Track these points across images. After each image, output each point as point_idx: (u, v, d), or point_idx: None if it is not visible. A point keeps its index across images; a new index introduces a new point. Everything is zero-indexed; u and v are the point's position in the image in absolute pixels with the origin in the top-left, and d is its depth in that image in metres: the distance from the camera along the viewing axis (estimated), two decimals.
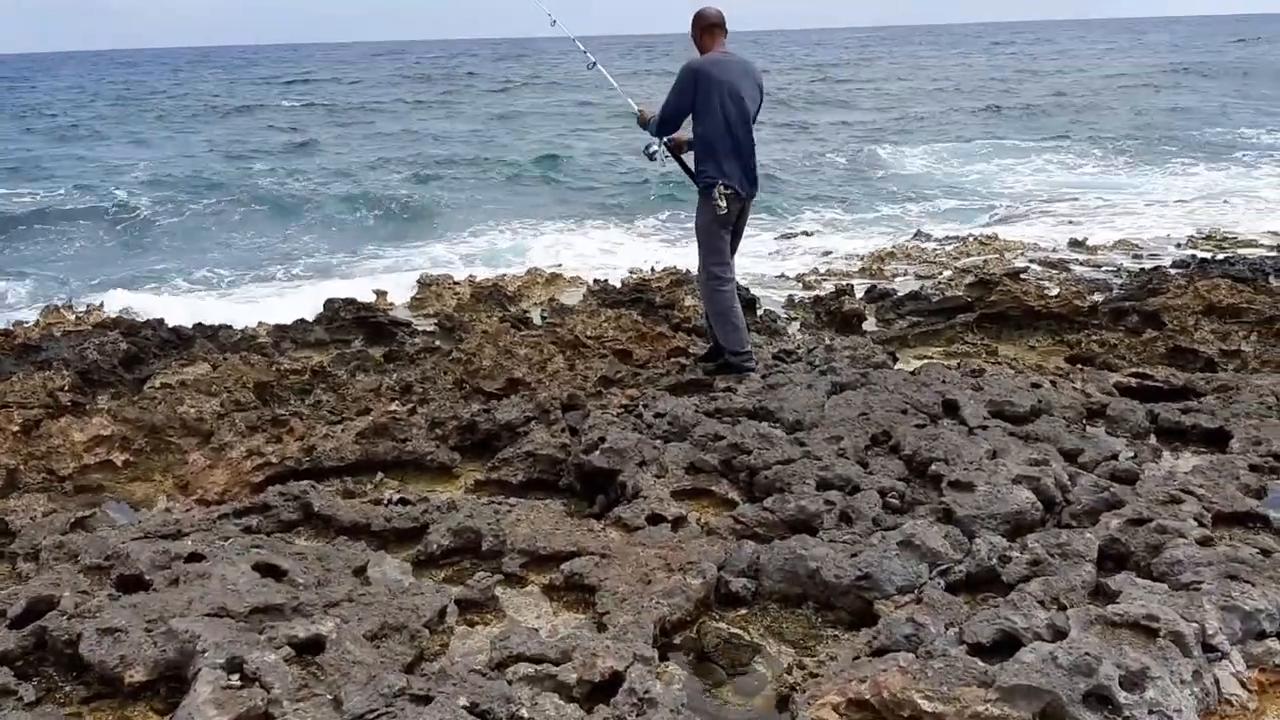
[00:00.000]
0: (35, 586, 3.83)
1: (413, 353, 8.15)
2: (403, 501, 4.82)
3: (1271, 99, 35.78)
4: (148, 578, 3.92)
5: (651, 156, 6.73)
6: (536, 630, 3.71)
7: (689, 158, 6.69)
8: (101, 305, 10.39)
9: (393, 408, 6.19)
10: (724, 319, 6.49)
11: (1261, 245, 12.67)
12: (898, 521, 4.05)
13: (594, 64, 7.72)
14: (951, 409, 5.06)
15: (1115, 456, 4.52)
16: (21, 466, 5.63)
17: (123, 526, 4.64)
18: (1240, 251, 11.99)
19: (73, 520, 5.00)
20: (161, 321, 9.10)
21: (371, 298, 10.66)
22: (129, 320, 9.15)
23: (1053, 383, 5.65)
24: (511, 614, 3.90)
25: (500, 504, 4.65)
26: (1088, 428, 4.95)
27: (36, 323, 9.84)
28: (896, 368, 6.47)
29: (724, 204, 6.28)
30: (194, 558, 4.02)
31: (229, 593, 3.70)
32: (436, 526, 4.40)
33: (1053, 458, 4.40)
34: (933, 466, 4.32)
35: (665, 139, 6.61)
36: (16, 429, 6.02)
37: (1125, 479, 4.30)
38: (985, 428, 4.78)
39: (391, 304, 10.76)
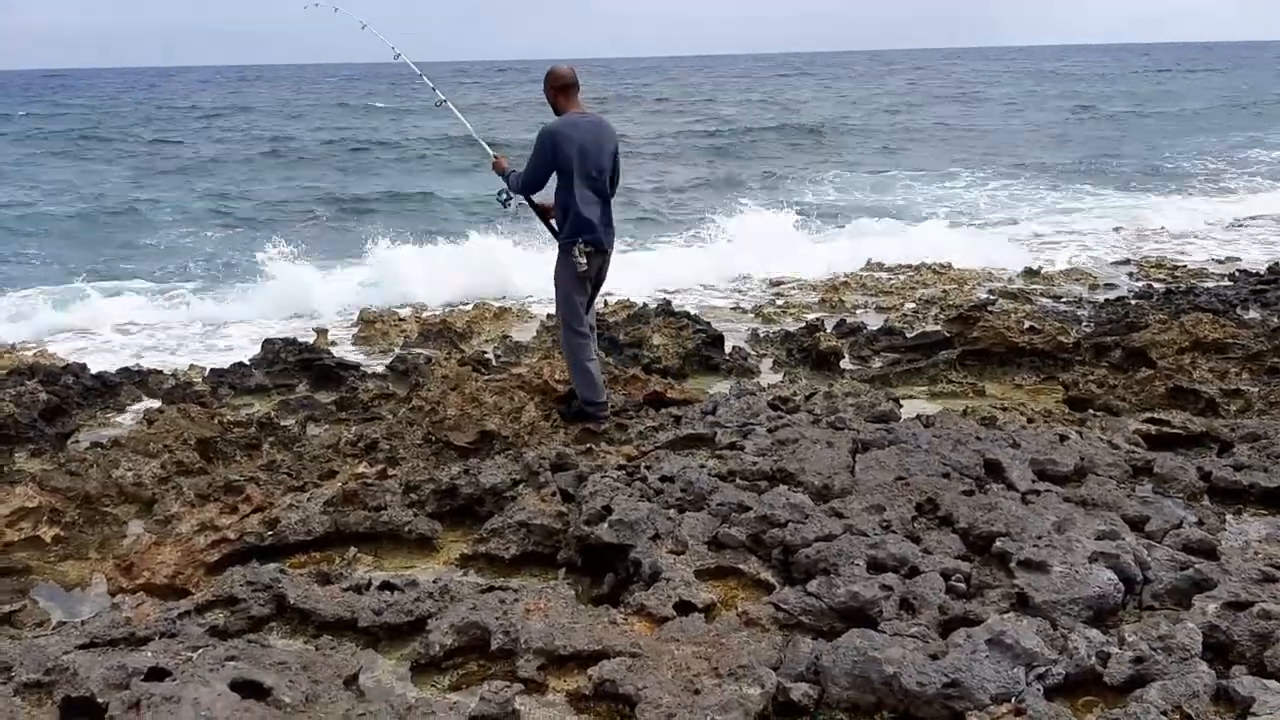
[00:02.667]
0: None
1: (367, 399, 7.54)
2: (387, 587, 4.23)
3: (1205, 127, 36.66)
4: (101, 701, 3.29)
5: (504, 203, 6.77)
6: None
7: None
8: (14, 348, 9.53)
9: (360, 469, 5.60)
10: (584, 371, 6.60)
11: (1212, 275, 12.66)
12: (966, 608, 3.61)
13: (443, 101, 7.60)
14: (995, 471, 4.65)
15: (1181, 524, 4.15)
16: None
17: (63, 629, 3.97)
18: (1195, 282, 11.95)
19: None
20: (84, 367, 8.33)
21: (311, 336, 9.98)
22: (46, 365, 8.35)
23: (1079, 433, 5.30)
24: None
25: (505, 590, 4.10)
26: (1136, 488, 4.58)
27: None
28: (903, 415, 6.07)
29: (584, 261, 6.35)
30: (156, 674, 3.40)
31: None
32: (436, 622, 3.83)
33: (1121, 528, 4.01)
34: (997, 543, 3.90)
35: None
36: None
37: (1203, 551, 3.93)
38: (1037, 493, 4.38)
39: (334, 342, 10.09)
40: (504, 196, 6.68)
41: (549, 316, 10.69)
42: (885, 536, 4.04)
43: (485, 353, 9.13)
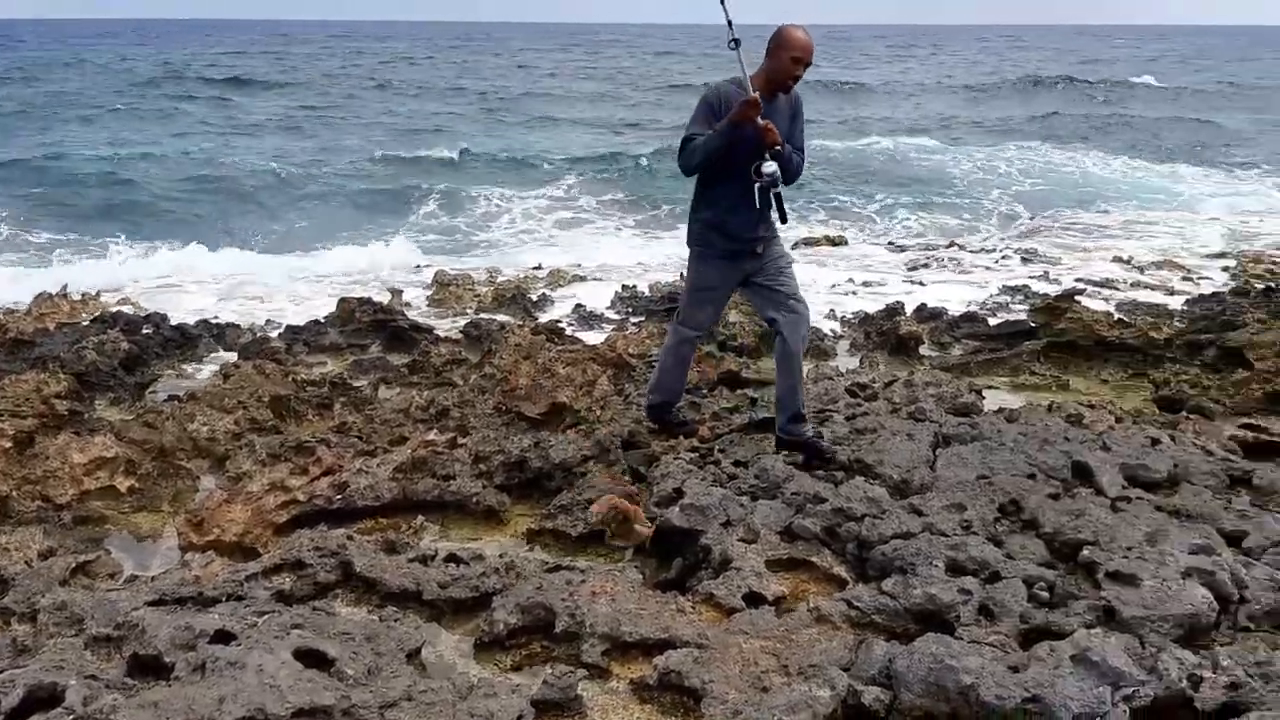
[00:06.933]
0: (35, 671, 3.21)
1: (439, 364, 7.53)
2: (453, 560, 4.20)
3: None
4: (168, 661, 3.31)
5: None
6: None
7: None
8: (98, 295, 9.71)
9: (431, 437, 5.58)
10: None
11: None
12: (1049, 619, 3.46)
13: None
14: (1083, 474, 4.46)
15: None
16: (14, 493, 4.99)
17: (134, 584, 4.01)
18: None
19: (73, 566, 4.39)
20: (164, 318, 8.45)
21: (385, 296, 10.01)
22: (129, 315, 8.49)
23: (1171, 438, 5.07)
24: (598, 719, 3.30)
25: (571, 570, 4.04)
26: (1233, 500, 4.36)
27: (28, 312, 9.18)
28: (985, 407, 5.88)
29: None
30: (223, 636, 3.40)
31: (267, 689, 3.09)
32: (501, 600, 3.78)
33: (1217, 543, 3.82)
34: (1084, 551, 3.74)
35: None
36: (9, 445, 5.38)
37: None
38: (1128, 500, 4.19)
39: (408, 304, 10.12)
40: None
41: (624, 287, 10.61)
42: (966, 538, 3.90)
43: (559, 321, 9.07)
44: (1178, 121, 32.62)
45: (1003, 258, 12.97)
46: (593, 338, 8.57)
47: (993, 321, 8.85)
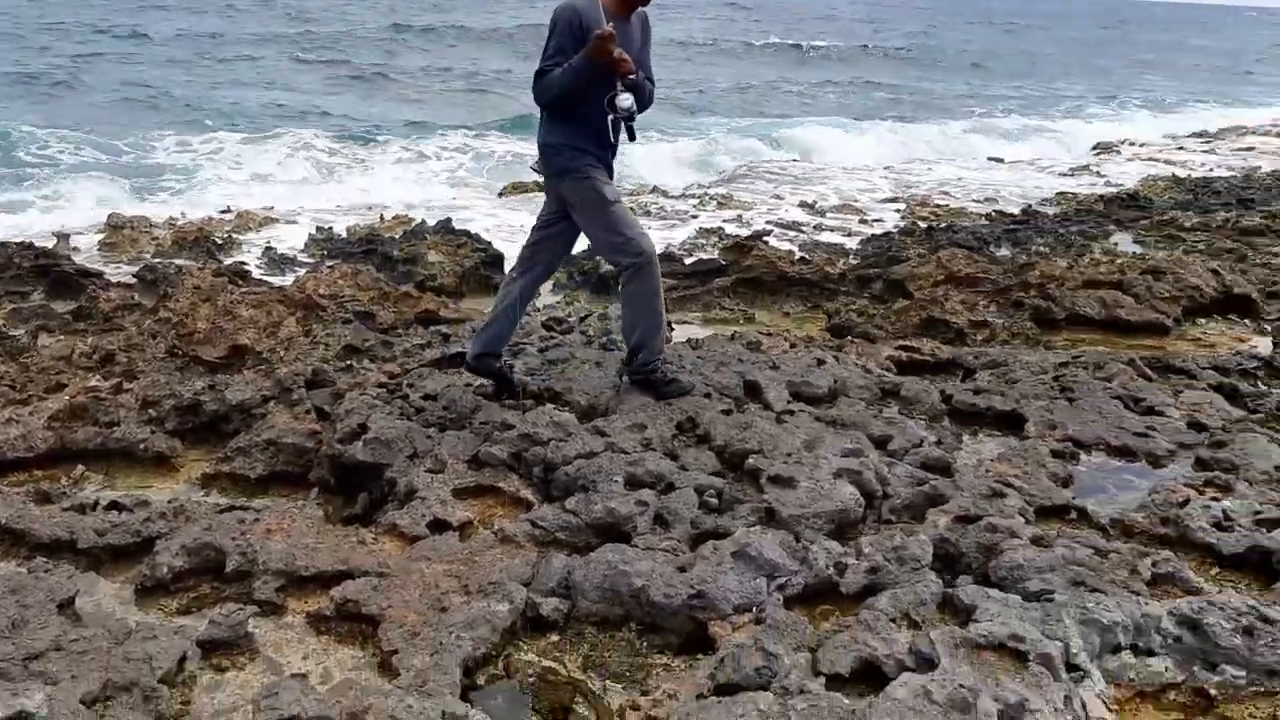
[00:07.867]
0: None
1: (108, 310, 6.98)
2: (115, 507, 3.92)
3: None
4: None
5: None
6: (306, 677, 3.04)
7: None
8: None
9: (93, 383, 5.16)
10: None
11: (970, 214, 13.37)
12: (717, 523, 3.66)
13: None
14: (754, 391, 4.73)
15: (921, 443, 4.34)
16: None
17: None
18: (955, 220, 12.58)
19: None
20: None
21: (51, 241, 9.14)
22: None
23: (835, 358, 5.47)
24: (270, 654, 3.18)
25: (245, 510, 3.87)
26: (883, 410, 4.76)
27: None
28: (673, 338, 6.11)
29: None
30: None
31: None
32: (165, 543, 3.57)
33: (866, 447, 4.16)
34: (749, 460, 3.96)
35: None
36: None
37: (939, 468, 4.13)
38: (792, 413, 4.48)
39: (75, 248, 9.29)
40: None
41: (318, 229, 10.22)
42: (645, 454, 4.04)
43: (244, 264, 8.61)
44: (870, 83, 35.03)
45: (701, 203, 13.48)
46: (284, 281, 8.21)
47: (688, 261, 9.18)
